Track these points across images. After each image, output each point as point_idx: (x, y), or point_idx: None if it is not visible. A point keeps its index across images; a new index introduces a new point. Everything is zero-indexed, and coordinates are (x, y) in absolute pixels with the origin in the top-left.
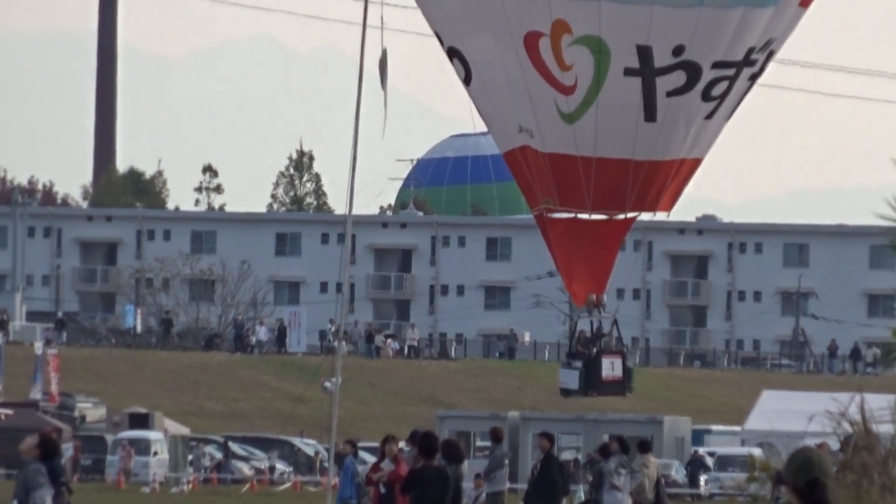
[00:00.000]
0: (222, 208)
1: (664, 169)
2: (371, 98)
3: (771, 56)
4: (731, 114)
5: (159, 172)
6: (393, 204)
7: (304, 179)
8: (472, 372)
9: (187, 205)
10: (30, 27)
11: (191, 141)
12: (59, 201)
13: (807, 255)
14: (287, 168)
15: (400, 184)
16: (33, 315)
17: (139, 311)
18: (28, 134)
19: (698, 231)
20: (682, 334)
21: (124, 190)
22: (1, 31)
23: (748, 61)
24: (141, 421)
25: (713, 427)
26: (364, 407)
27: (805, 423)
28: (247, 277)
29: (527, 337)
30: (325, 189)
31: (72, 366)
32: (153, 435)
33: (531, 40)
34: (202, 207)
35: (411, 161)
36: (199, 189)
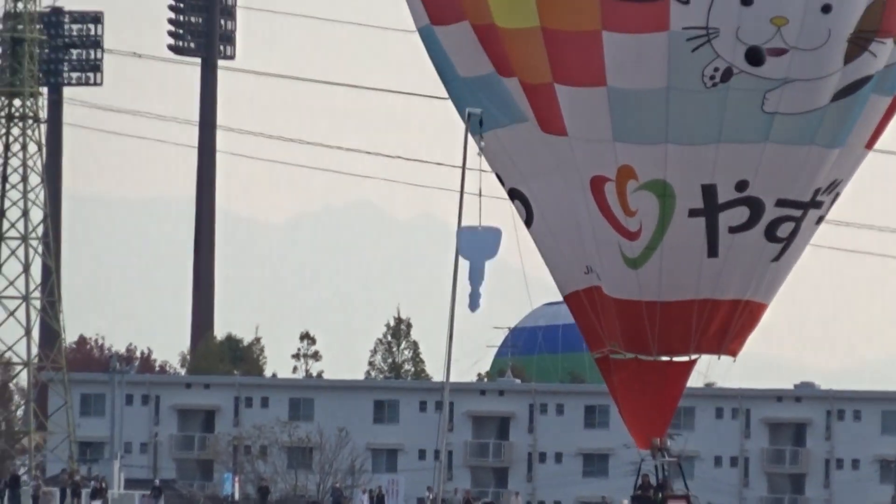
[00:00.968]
0: (320, 375)
1: (726, 307)
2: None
3: (836, 198)
4: (797, 259)
5: (257, 339)
6: (488, 371)
7: (402, 347)
8: None
9: (285, 372)
10: (128, 194)
11: (288, 308)
12: (157, 369)
13: None
14: (385, 335)
15: (495, 351)
16: (131, 483)
17: (237, 479)
18: (126, 301)
19: (796, 398)
20: (781, 502)
21: (222, 357)
22: (100, 198)
23: (814, 202)
24: None
25: None
26: None
27: None
28: (345, 445)
29: None
30: (423, 356)
31: None
32: None
33: (597, 184)
34: (300, 375)
35: (508, 329)
36: (297, 356)
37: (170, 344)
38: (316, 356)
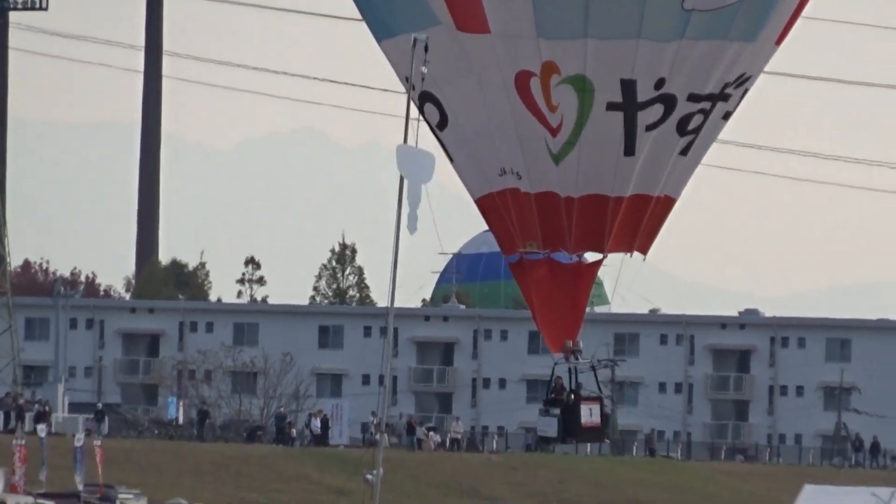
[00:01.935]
0: (265, 300)
1: (639, 203)
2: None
3: (744, 94)
4: (704, 152)
5: (202, 264)
6: (430, 298)
7: (347, 272)
8: (514, 465)
9: (230, 297)
10: (73, 118)
11: (233, 233)
12: (102, 293)
13: (849, 350)
14: (329, 261)
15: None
16: (75, 406)
17: (181, 403)
18: (70, 225)
19: (740, 325)
20: (725, 428)
21: (167, 282)
22: (45, 122)
23: (723, 95)
24: None
25: None
26: (406, 500)
27: None
28: (289, 370)
29: None
30: (368, 282)
31: (113, 457)
32: None
33: (522, 80)
34: (245, 300)
35: (452, 255)
36: (242, 281)
37: (114, 268)
38: (261, 281)
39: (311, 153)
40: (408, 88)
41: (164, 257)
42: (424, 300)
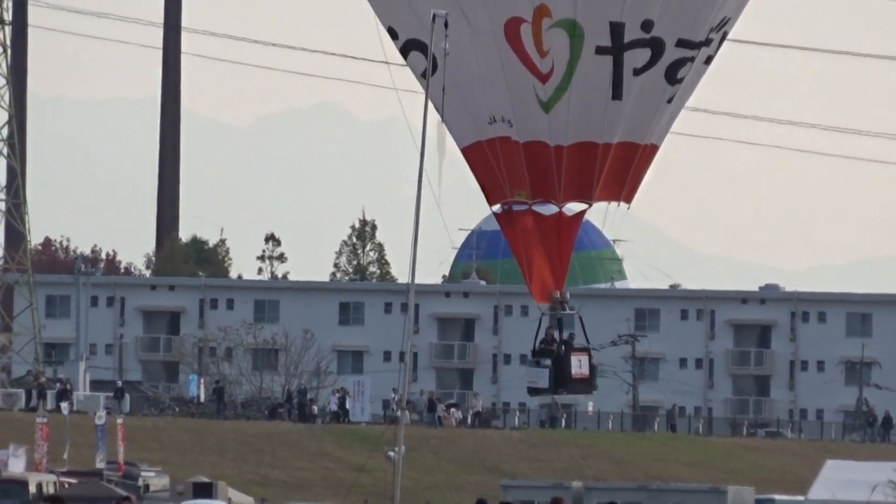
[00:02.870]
0: (285, 277)
1: (627, 151)
2: (434, 167)
3: (724, 38)
4: (688, 98)
5: (222, 241)
6: (449, 274)
7: (367, 249)
8: (535, 441)
9: (250, 274)
10: (92, 94)
11: (253, 210)
12: (122, 270)
13: (870, 325)
14: (350, 237)
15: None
16: (97, 384)
17: (202, 381)
18: (91, 203)
19: (761, 300)
20: (746, 403)
21: (187, 259)
22: (65, 99)
23: (706, 41)
24: (205, 490)
25: (776, 497)
26: (427, 476)
27: (868, 493)
28: (310, 347)
29: (590, 406)
30: (388, 258)
31: (135, 435)
32: None
33: (512, 27)
34: (265, 276)
35: (474, 230)
36: (262, 258)
37: (135, 246)
38: (281, 258)
39: (331, 129)
40: (428, 62)
41: (185, 234)
42: (445, 276)
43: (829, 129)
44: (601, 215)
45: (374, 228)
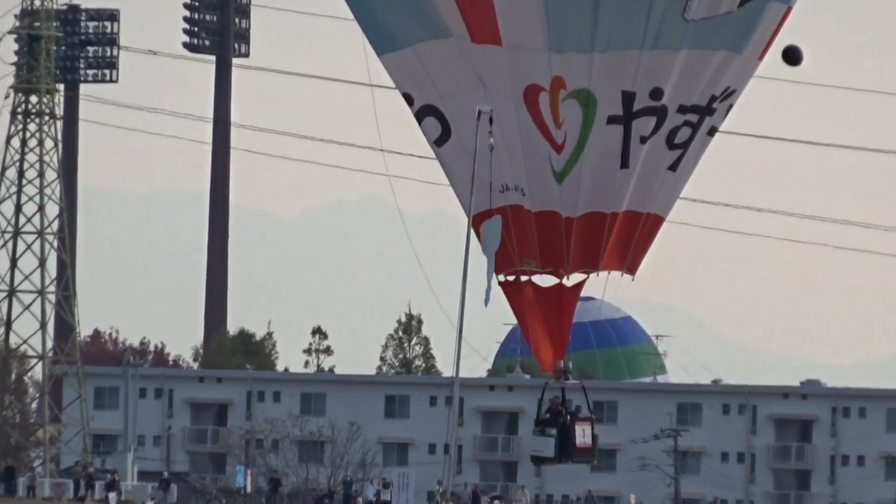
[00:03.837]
0: (332, 370)
1: (631, 220)
2: (479, 261)
3: (729, 109)
4: (692, 170)
5: (269, 334)
6: (493, 367)
7: (413, 342)
8: None
9: (297, 367)
10: (142, 188)
11: (300, 303)
12: (171, 362)
13: None
14: (396, 331)
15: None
16: (145, 475)
17: (249, 472)
18: (140, 295)
19: (802, 395)
20: (787, 498)
21: (235, 351)
22: (115, 193)
23: (710, 109)
24: None
25: None
26: None
27: None
28: (356, 439)
29: (633, 499)
30: (433, 352)
31: None
32: None
33: (531, 94)
34: (311, 369)
35: (515, 325)
36: (309, 351)
37: (183, 338)
38: (328, 351)
39: (377, 222)
40: (473, 161)
41: (233, 327)
42: (489, 370)
43: (871, 227)
44: (642, 311)
45: (420, 322)
